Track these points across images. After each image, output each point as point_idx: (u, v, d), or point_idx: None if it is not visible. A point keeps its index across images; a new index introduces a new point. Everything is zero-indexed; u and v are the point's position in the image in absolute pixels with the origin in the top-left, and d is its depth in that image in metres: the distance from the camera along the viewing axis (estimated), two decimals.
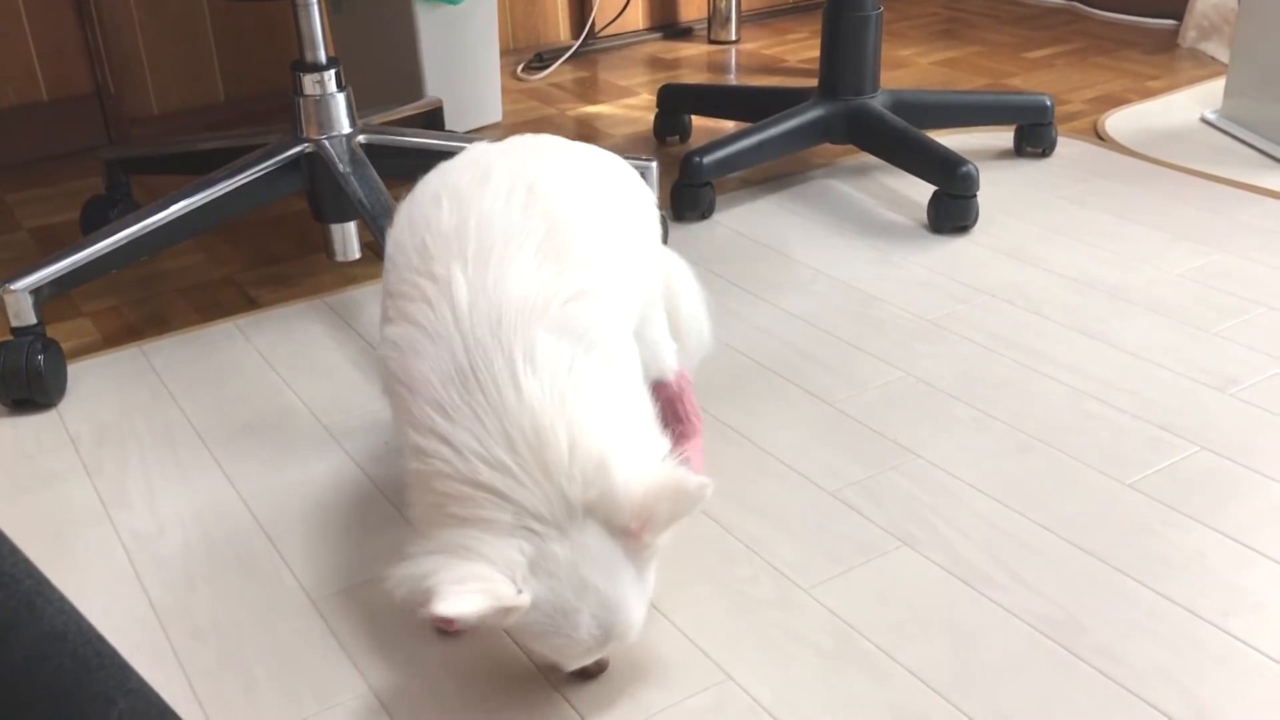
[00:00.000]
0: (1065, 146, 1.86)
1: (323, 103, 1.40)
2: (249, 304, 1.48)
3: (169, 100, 2.06)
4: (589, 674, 0.86)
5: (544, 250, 0.83)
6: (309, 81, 1.38)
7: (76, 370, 1.32)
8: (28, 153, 1.97)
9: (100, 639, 0.38)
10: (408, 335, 0.82)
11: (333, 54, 1.41)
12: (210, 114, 2.09)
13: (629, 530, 0.76)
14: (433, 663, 0.89)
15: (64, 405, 1.25)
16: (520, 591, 0.74)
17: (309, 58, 1.39)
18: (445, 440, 0.78)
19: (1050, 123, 1.80)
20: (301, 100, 1.40)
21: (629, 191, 0.97)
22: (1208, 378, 1.22)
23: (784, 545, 1.00)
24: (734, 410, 1.20)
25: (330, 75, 1.39)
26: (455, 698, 0.86)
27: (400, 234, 0.89)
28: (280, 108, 1.44)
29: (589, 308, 0.82)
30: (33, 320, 1.24)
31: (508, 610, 0.73)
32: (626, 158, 1.43)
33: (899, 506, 1.04)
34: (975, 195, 1.56)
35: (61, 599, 0.36)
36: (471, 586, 0.72)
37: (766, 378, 1.26)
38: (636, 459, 0.78)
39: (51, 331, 1.26)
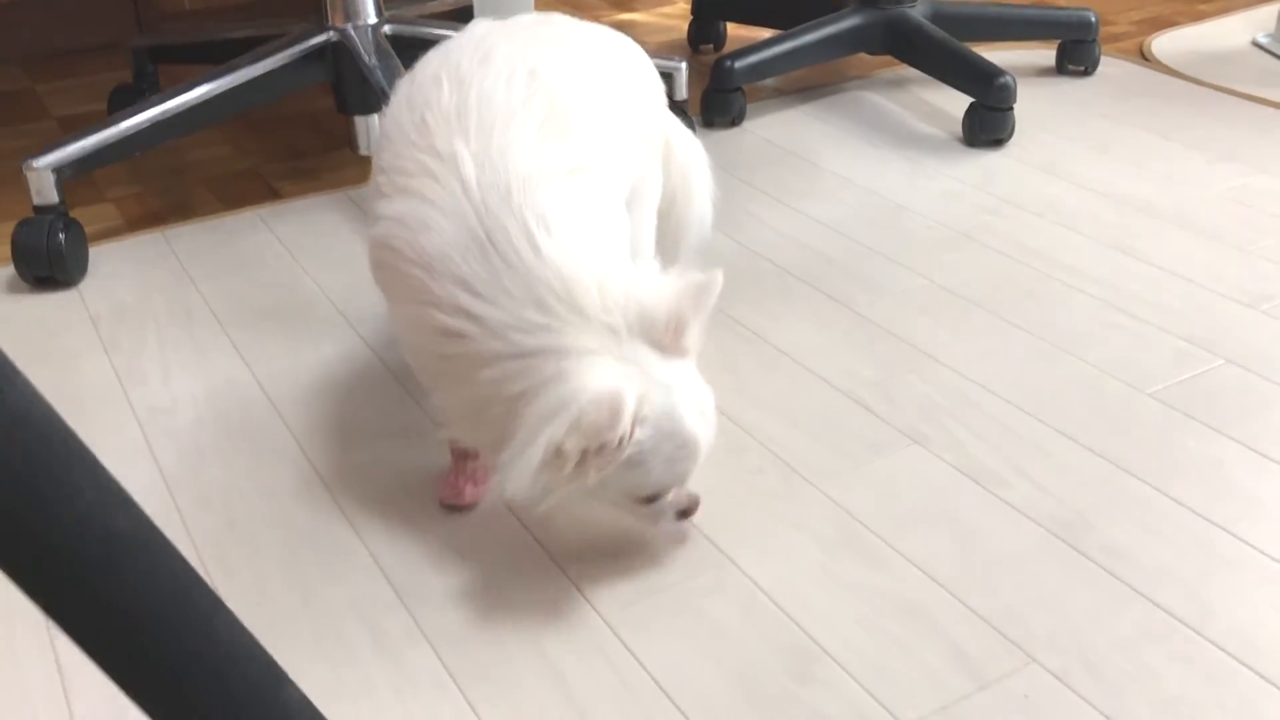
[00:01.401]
0: (1108, 66, 1.82)
1: None
2: (272, 195, 1.47)
3: None
4: (688, 513, 0.85)
5: (545, 129, 0.83)
6: None
7: (99, 252, 1.32)
8: (58, 43, 1.96)
9: (70, 432, 0.38)
10: (416, 211, 0.81)
11: None
12: (244, 12, 2.08)
13: (668, 339, 0.79)
14: (436, 535, 0.89)
15: (85, 285, 1.26)
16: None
17: None
18: (478, 320, 0.78)
19: (1094, 40, 1.76)
20: None
21: (632, 74, 0.95)
22: (1238, 293, 1.19)
23: (793, 440, 0.99)
24: (751, 310, 1.18)
25: None
26: (456, 568, 0.86)
27: (398, 112, 0.87)
28: (313, 6, 1.43)
29: (589, 179, 0.83)
30: (55, 199, 1.24)
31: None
32: (654, 58, 1.40)
33: (912, 407, 1.03)
34: (1011, 108, 1.52)
35: (26, 383, 0.36)
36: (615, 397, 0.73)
37: (786, 281, 1.24)
38: (651, 280, 0.81)
39: (76, 215, 1.26)
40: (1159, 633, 0.79)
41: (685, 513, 0.84)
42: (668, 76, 1.48)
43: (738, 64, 1.58)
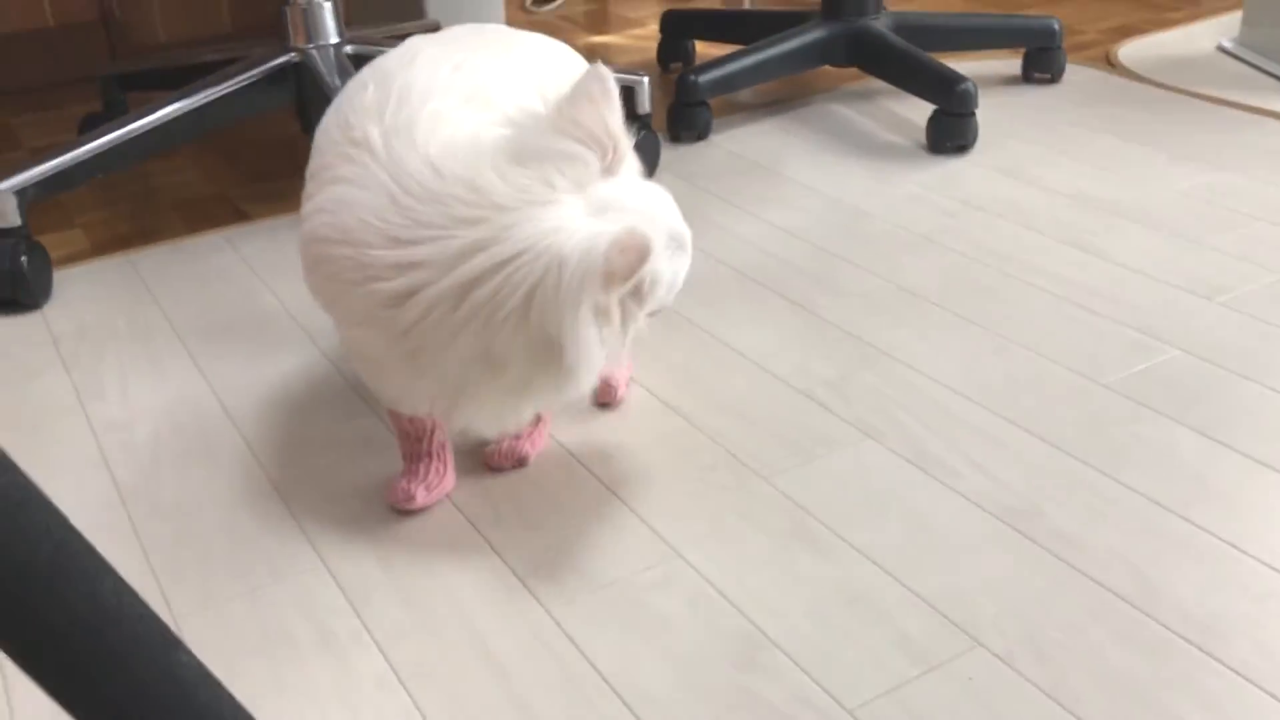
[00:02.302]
0: (1074, 74, 1.83)
1: (310, 11, 1.39)
2: (240, 217, 1.48)
3: (175, 29, 2.06)
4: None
5: (466, 105, 0.82)
6: None
7: (64, 276, 1.33)
8: (33, 78, 1.98)
9: (27, 480, 0.39)
10: (334, 195, 0.80)
11: None
12: (218, 42, 2.10)
13: (610, 161, 0.77)
14: (386, 539, 0.89)
15: (48, 307, 1.27)
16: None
17: None
18: (421, 265, 0.75)
19: (1059, 47, 1.77)
20: (289, 9, 1.39)
21: (561, 74, 0.95)
22: (1196, 285, 1.19)
23: (746, 437, 0.99)
24: (706, 313, 1.19)
25: None
26: (403, 568, 0.86)
27: (326, 121, 0.87)
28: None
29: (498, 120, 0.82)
30: (17, 222, 1.24)
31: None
32: (615, 71, 1.41)
33: (867, 403, 1.03)
34: (974, 113, 1.53)
35: None
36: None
37: (744, 284, 1.25)
38: (542, 123, 0.78)
39: (43, 241, 1.27)
40: (1104, 613, 0.79)
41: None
42: (629, 91, 1.49)
43: (702, 78, 1.59)
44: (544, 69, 0.89)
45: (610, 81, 0.78)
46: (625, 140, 0.79)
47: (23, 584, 0.39)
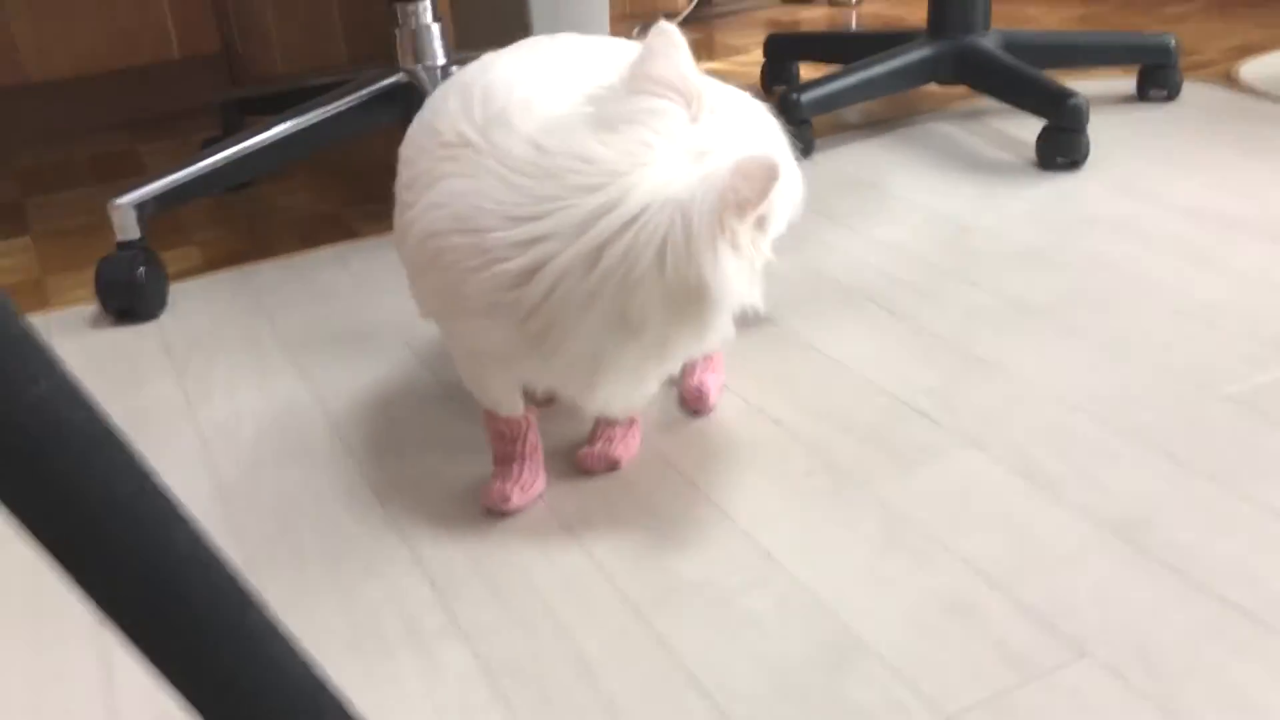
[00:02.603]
0: (1192, 91, 1.77)
1: (418, 33, 1.42)
2: (350, 235, 1.51)
3: (294, 59, 2.13)
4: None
5: (550, 88, 0.83)
6: (404, 12, 1.41)
7: (179, 289, 1.37)
8: (161, 107, 2.06)
9: (106, 417, 0.40)
10: (442, 189, 0.81)
11: None
12: (334, 69, 2.16)
13: (693, 108, 0.78)
14: (477, 539, 0.89)
15: (164, 318, 1.31)
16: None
17: None
18: (549, 237, 0.75)
19: (1174, 64, 1.71)
20: (399, 31, 1.43)
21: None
22: None
23: (846, 445, 0.97)
24: (806, 324, 1.17)
25: (425, 6, 1.42)
26: (496, 568, 0.86)
27: (411, 136, 0.88)
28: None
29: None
30: (136, 235, 1.29)
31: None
32: None
33: (971, 413, 1.00)
34: (1085, 128, 1.49)
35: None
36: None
37: (849, 296, 1.22)
38: (618, 92, 0.79)
39: (162, 257, 1.31)
40: (1222, 626, 0.75)
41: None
42: None
43: (804, 96, 1.58)
44: (613, 58, 0.89)
45: (676, 34, 0.79)
46: (703, 85, 0.79)
47: (99, 523, 0.39)
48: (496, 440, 0.94)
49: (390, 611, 0.83)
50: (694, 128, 0.78)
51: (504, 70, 0.86)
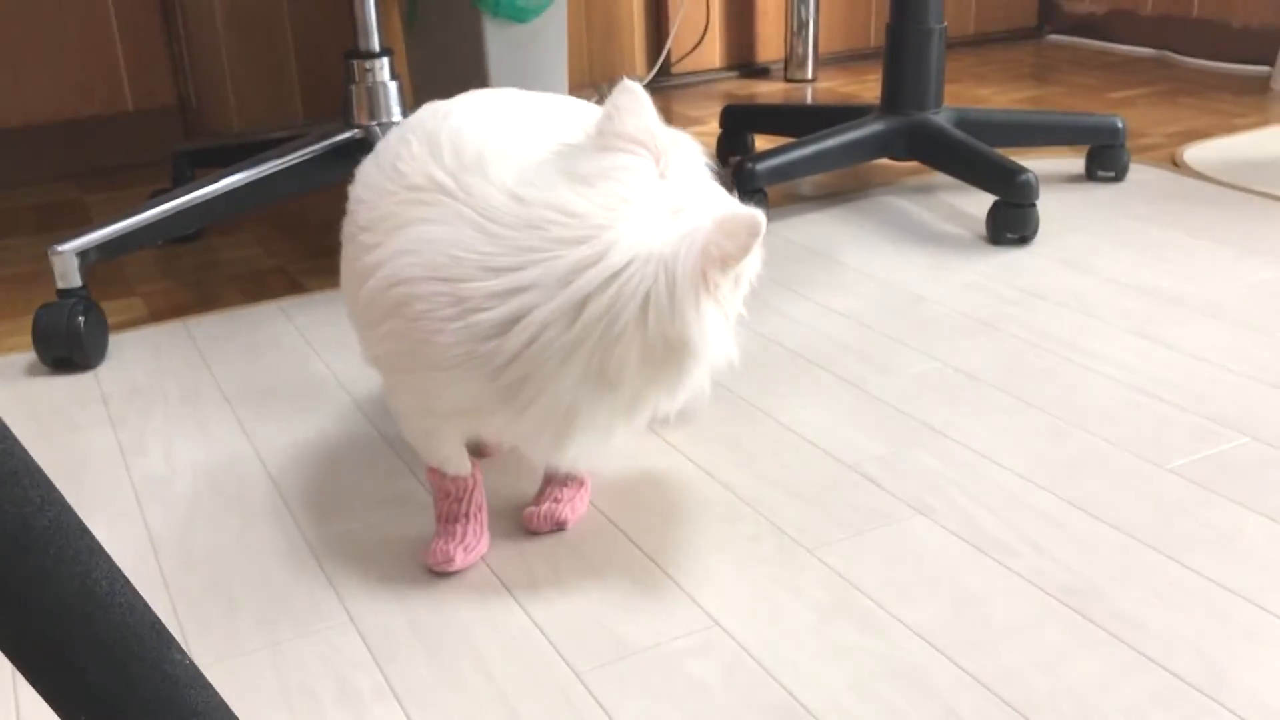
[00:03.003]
0: (1139, 173, 1.81)
1: (374, 90, 1.42)
2: (296, 289, 1.49)
3: (250, 116, 2.12)
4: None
5: (521, 139, 0.82)
6: (360, 68, 1.41)
7: (120, 340, 1.34)
8: (112, 160, 2.04)
9: (23, 451, 0.38)
10: (414, 235, 0.79)
11: (387, 46, 1.44)
12: (287, 130, 2.15)
13: (660, 166, 0.78)
14: (416, 597, 0.87)
15: (102, 368, 1.28)
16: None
17: (362, 46, 1.42)
18: (529, 288, 0.75)
19: (1122, 145, 1.75)
20: (354, 88, 1.42)
21: (585, 115, 0.94)
22: (1266, 375, 1.15)
23: (793, 510, 0.96)
24: (759, 390, 1.16)
25: (383, 63, 1.42)
26: (434, 628, 0.83)
27: (367, 178, 0.87)
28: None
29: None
30: (78, 283, 1.26)
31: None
32: None
33: (918, 479, 1.00)
34: (1034, 204, 1.51)
35: None
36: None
37: (797, 363, 1.22)
38: (591, 152, 0.79)
39: (104, 307, 1.29)
40: (1169, 697, 0.74)
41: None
42: None
43: (759, 165, 1.59)
44: (563, 113, 0.89)
45: (640, 90, 0.79)
46: (669, 140, 0.79)
47: (10, 558, 0.37)
48: (442, 499, 0.92)
49: (323, 670, 0.80)
50: (664, 183, 0.78)
51: (468, 118, 0.85)
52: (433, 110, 0.88)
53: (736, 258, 0.73)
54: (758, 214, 0.73)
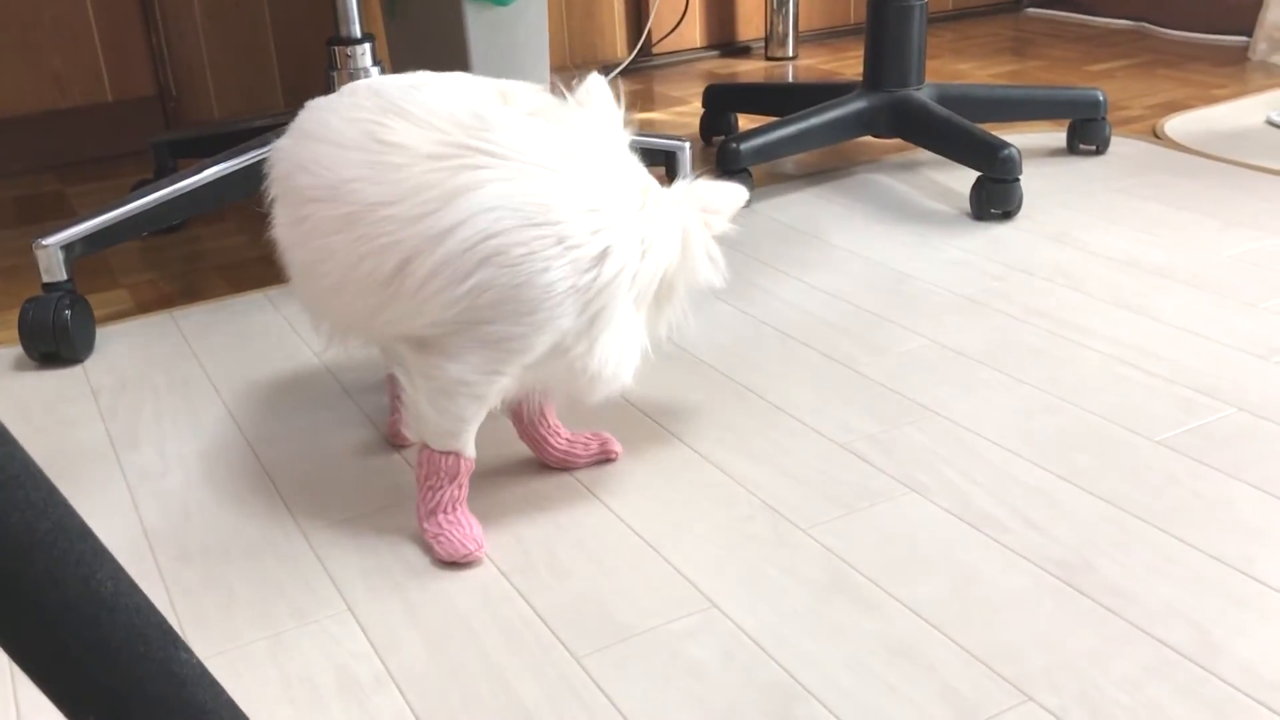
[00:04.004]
0: (1121, 145, 1.81)
1: (356, 76, 1.41)
2: (282, 279, 1.49)
3: (230, 106, 2.11)
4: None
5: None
6: (342, 54, 1.40)
7: (107, 333, 1.34)
8: (92, 151, 2.03)
9: (25, 454, 0.38)
10: (491, 193, 0.83)
11: (368, 31, 1.43)
12: (268, 118, 2.14)
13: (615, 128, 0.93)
14: (414, 587, 0.87)
15: (90, 362, 1.27)
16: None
17: (343, 32, 1.41)
18: (613, 226, 0.86)
19: (1103, 118, 1.76)
20: (335, 74, 1.42)
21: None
22: (1251, 346, 1.16)
23: (786, 489, 0.97)
24: (748, 370, 1.17)
25: (365, 49, 1.41)
26: (432, 616, 0.84)
27: (332, 161, 0.88)
28: None
29: None
30: (63, 277, 1.26)
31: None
32: (656, 135, 1.43)
33: (910, 457, 1.00)
34: (1018, 179, 1.52)
35: None
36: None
37: (787, 344, 1.23)
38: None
39: (90, 300, 1.28)
40: (1163, 670, 0.75)
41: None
42: (670, 155, 1.49)
43: (743, 145, 1.59)
44: (509, 92, 0.93)
45: (611, 88, 0.96)
46: (608, 99, 0.95)
47: (15, 561, 0.37)
48: (445, 484, 0.91)
49: (322, 660, 0.80)
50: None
51: (449, 91, 0.88)
52: (393, 83, 0.90)
53: (725, 213, 0.94)
54: (741, 188, 0.92)
